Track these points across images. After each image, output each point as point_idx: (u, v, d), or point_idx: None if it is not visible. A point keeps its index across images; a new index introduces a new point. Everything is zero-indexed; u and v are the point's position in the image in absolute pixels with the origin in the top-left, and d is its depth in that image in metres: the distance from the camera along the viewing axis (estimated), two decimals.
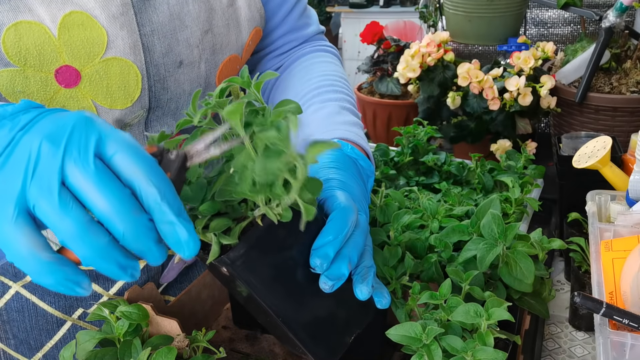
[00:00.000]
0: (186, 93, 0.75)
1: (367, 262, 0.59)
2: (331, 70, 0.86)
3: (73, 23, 0.63)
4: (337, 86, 0.81)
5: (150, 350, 0.59)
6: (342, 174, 0.65)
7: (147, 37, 0.69)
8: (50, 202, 0.39)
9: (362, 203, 0.64)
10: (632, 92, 1.24)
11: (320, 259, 0.54)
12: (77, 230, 0.39)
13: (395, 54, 1.63)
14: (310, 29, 0.92)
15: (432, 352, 0.58)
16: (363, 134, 0.77)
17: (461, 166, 1.14)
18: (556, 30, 1.73)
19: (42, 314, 0.82)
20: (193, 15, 0.72)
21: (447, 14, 1.68)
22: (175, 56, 0.72)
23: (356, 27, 3.59)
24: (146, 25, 0.68)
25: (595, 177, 0.89)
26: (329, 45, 0.95)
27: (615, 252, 0.68)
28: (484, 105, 1.32)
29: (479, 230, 0.71)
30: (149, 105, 0.73)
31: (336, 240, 0.55)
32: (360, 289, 0.57)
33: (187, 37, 0.72)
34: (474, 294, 0.67)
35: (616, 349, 0.58)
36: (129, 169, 0.41)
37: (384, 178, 1.08)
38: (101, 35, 0.65)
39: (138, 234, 0.41)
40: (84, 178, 0.39)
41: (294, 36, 0.90)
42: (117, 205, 0.40)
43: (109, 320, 0.64)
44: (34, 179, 0.39)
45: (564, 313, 0.95)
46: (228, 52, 0.77)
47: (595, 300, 0.59)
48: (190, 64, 0.73)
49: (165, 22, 0.70)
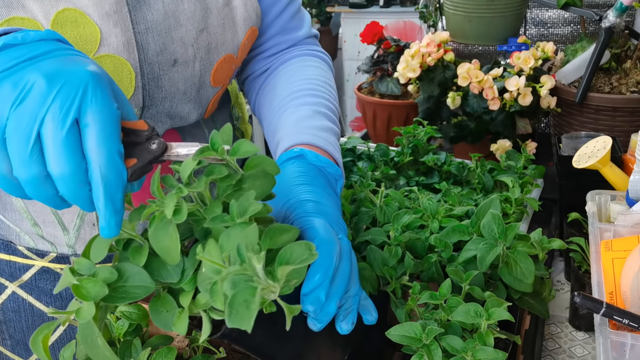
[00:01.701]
0: (180, 92, 0.74)
1: (353, 289, 0.57)
2: (315, 74, 0.84)
3: (66, 20, 0.63)
4: (317, 90, 0.80)
5: (150, 350, 0.59)
6: (314, 191, 0.63)
7: (141, 35, 0.68)
8: (20, 148, 0.43)
9: (339, 222, 0.62)
10: (632, 92, 1.24)
11: (313, 306, 0.53)
12: (30, 180, 0.44)
13: (395, 54, 1.63)
14: (301, 32, 0.90)
15: (432, 352, 0.58)
16: (335, 139, 0.74)
17: (461, 166, 1.14)
18: (556, 30, 1.73)
19: (39, 314, 0.82)
20: (188, 14, 0.71)
21: (447, 14, 1.68)
22: (170, 54, 0.71)
23: (356, 27, 3.58)
24: (140, 23, 0.68)
25: (595, 177, 0.89)
26: (320, 50, 0.93)
27: (615, 252, 0.68)
28: (484, 105, 1.32)
29: (479, 230, 0.71)
30: (143, 104, 0.72)
31: (325, 282, 0.53)
32: (340, 326, 0.56)
33: (182, 35, 0.72)
34: (474, 294, 0.67)
35: (616, 349, 0.58)
36: (91, 146, 0.44)
37: (384, 178, 1.08)
38: (94, 33, 0.65)
39: (76, 200, 0.45)
40: (53, 141, 0.43)
41: (284, 38, 0.88)
42: (67, 176, 0.43)
43: (109, 320, 0.64)
44: (15, 115, 0.43)
45: (564, 313, 0.95)
46: (223, 51, 0.77)
47: (595, 300, 0.59)
48: (184, 62, 0.73)
49: (159, 20, 0.69)
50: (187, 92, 0.75)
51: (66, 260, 0.81)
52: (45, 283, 0.81)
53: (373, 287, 0.69)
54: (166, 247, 0.45)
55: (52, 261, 0.81)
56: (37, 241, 0.80)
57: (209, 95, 0.79)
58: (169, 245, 0.45)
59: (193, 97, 0.76)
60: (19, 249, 0.81)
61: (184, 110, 0.77)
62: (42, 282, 0.81)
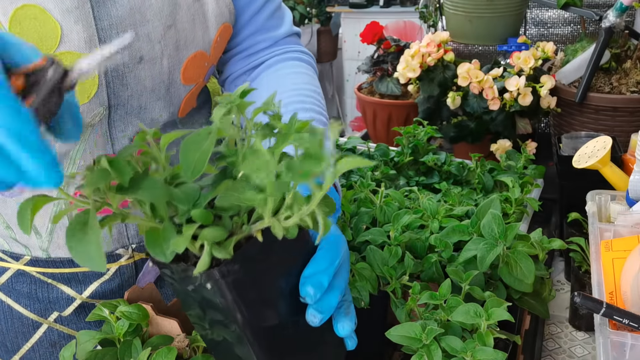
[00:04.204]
0: (148, 90, 0.72)
1: (349, 295, 0.57)
2: (303, 83, 0.82)
3: (25, 16, 0.62)
4: (306, 103, 0.78)
5: (150, 350, 0.59)
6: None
7: (104, 31, 0.66)
8: None
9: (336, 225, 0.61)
10: (632, 92, 1.24)
11: (313, 288, 0.51)
12: None
13: (395, 54, 1.63)
14: (281, 30, 0.87)
15: (432, 352, 0.58)
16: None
17: (461, 166, 1.14)
18: (556, 30, 1.73)
19: (18, 316, 0.82)
20: (155, 10, 0.69)
21: (447, 14, 1.68)
22: (135, 51, 0.69)
23: (356, 27, 3.58)
24: (104, 19, 0.66)
25: (595, 177, 0.90)
26: (302, 50, 0.90)
27: (615, 252, 0.68)
28: (484, 105, 1.32)
29: (479, 230, 0.71)
30: (109, 103, 0.70)
31: (330, 269, 0.52)
32: (342, 324, 0.54)
33: (149, 31, 0.69)
34: (474, 294, 0.67)
35: (616, 349, 0.58)
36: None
37: (384, 178, 1.08)
38: (54, 29, 0.63)
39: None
40: None
41: (263, 37, 0.86)
42: None
43: (109, 320, 0.64)
44: None
45: (564, 313, 0.95)
46: (193, 48, 0.75)
47: (595, 300, 0.59)
48: (151, 59, 0.71)
49: (124, 16, 0.67)
50: (156, 90, 0.73)
51: (41, 264, 0.80)
52: (22, 286, 0.81)
53: (373, 287, 0.69)
54: (195, 160, 0.42)
55: (27, 264, 0.80)
56: (11, 244, 0.80)
57: (180, 94, 0.77)
58: (198, 158, 0.42)
59: (162, 96, 0.74)
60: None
61: (154, 109, 0.75)
62: (19, 285, 0.81)
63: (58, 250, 0.79)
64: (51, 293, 0.81)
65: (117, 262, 0.81)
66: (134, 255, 0.82)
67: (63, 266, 0.80)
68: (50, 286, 0.81)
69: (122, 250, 0.81)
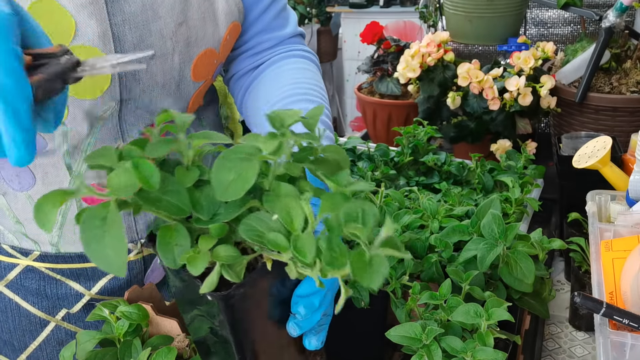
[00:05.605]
0: (159, 85, 0.74)
1: (331, 308, 0.59)
2: (305, 77, 0.83)
3: (41, 11, 0.63)
4: (309, 95, 0.79)
5: (150, 350, 0.59)
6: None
7: (117, 26, 0.68)
8: None
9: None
10: (632, 92, 1.24)
11: (305, 309, 0.53)
12: None
13: (395, 54, 1.63)
14: (286, 30, 0.88)
15: (432, 352, 0.58)
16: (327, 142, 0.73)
17: (461, 166, 1.14)
18: (556, 30, 1.73)
19: (25, 314, 0.82)
20: (167, 7, 0.71)
21: (447, 14, 1.68)
22: (147, 47, 0.70)
23: (356, 27, 3.58)
24: (117, 15, 0.67)
25: (595, 177, 0.90)
26: (306, 49, 0.91)
27: (615, 252, 0.68)
28: (484, 105, 1.32)
29: (479, 230, 0.71)
30: (121, 97, 0.71)
31: (322, 290, 0.53)
32: (310, 340, 0.57)
33: (160, 28, 0.71)
34: (474, 294, 0.67)
35: (616, 349, 0.58)
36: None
37: (384, 178, 1.08)
38: (69, 24, 0.65)
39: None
40: None
41: (268, 36, 0.87)
42: None
43: (109, 320, 0.64)
44: None
45: (564, 313, 0.95)
46: (203, 45, 0.76)
47: (595, 300, 0.59)
48: (162, 55, 0.72)
49: (137, 12, 0.69)
50: (166, 85, 0.74)
51: (51, 259, 0.80)
52: (30, 282, 0.81)
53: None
54: (229, 181, 0.40)
55: (37, 260, 0.80)
56: (20, 239, 0.80)
57: (189, 91, 0.78)
58: (236, 184, 0.40)
59: (173, 92, 0.76)
60: (3, 247, 0.81)
61: (163, 105, 0.76)
62: (27, 282, 0.81)
63: (67, 245, 0.79)
64: (60, 289, 0.81)
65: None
66: (143, 251, 0.82)
67: (72, 261, 0.80)
68: (59, 282, 0.81)
69: (131, 245, 0.81)
